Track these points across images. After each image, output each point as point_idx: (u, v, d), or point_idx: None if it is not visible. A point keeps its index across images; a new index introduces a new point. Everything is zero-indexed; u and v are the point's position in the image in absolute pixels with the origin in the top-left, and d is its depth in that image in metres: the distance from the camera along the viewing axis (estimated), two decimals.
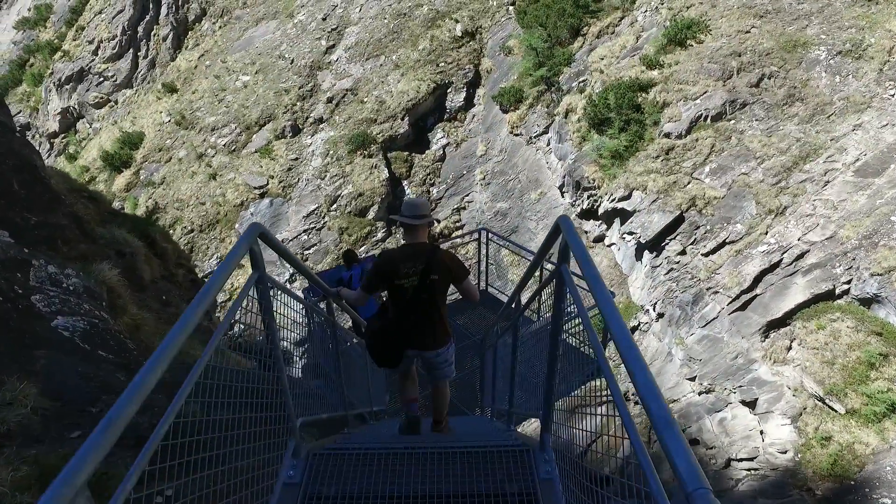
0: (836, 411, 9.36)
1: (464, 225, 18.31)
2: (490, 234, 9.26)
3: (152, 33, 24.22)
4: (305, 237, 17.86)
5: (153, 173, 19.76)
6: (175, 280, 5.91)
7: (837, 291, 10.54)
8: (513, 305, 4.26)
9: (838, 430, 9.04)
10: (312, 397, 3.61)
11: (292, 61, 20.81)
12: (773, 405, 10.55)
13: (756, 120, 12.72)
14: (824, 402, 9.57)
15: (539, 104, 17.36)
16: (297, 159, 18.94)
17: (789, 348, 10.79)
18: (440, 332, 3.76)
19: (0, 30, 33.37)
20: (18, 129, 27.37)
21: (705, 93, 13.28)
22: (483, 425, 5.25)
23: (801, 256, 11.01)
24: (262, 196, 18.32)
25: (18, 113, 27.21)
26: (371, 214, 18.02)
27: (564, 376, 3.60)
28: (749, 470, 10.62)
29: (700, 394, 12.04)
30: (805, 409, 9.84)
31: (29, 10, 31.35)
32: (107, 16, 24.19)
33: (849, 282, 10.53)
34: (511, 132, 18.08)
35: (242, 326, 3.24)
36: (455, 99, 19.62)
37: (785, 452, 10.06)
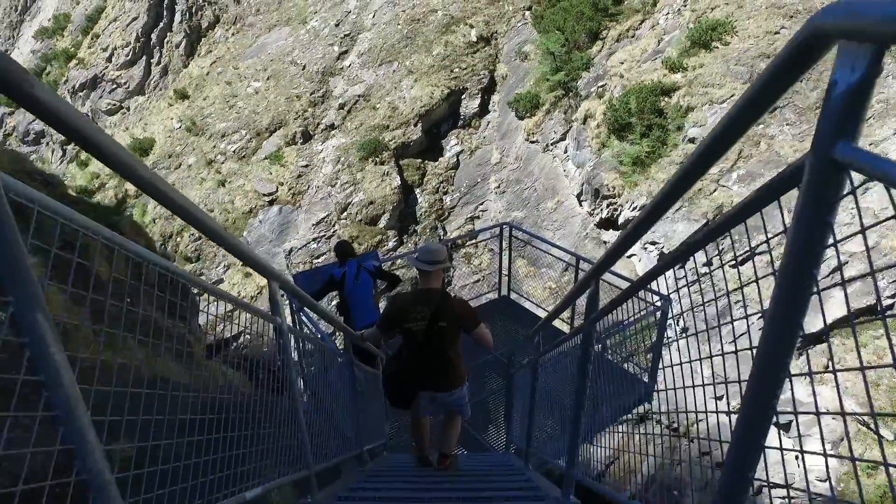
0: (882, 437, 8.57)
1: (477, 233, 17.74)
2: (514, 231, 8.37)
3: (165, 40, 24.13)
4: (315, 245, 17.40)
5: None
6: (146, 281, 5.28)
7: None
8: (586, 291, 2.56)
9: (890, 458, 8.25)
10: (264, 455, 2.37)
11: (304, 67, 20.51)
12: (810, 428, 9.75)
13: (787, 124, 12.04)
14: (869, 427, 8.79)
15: (556, 110, 16.81)
16: (307, 166, 18.55)
17: (827, 367, 10.02)
18: (452, 374, 3.80)
19: (22, 41, 33.76)
20: (33, 136, 27.49)
21: (732, 96, 12.64)
22: (517, 478, 3.92)
23: (838, 268, 10.26)
24: (271, 203, 17.92)
25: (34, 120, 27.28)
26: (382, 223, 17.53)
27: (596, 403, 2.89)
28: (784, 498, 9.84)
29: (728, 413, 11.30)
30: (847, 433, 9.05)
31: (49, 20, 31.65)
32: (121, 23, 24.18)
33: (893, 296, 9.77)
34: (527, 139, 17.53)
35: (248, 337, 2.56)
36: (469, 105, 19.14)
37: (825, 481, 9.27)
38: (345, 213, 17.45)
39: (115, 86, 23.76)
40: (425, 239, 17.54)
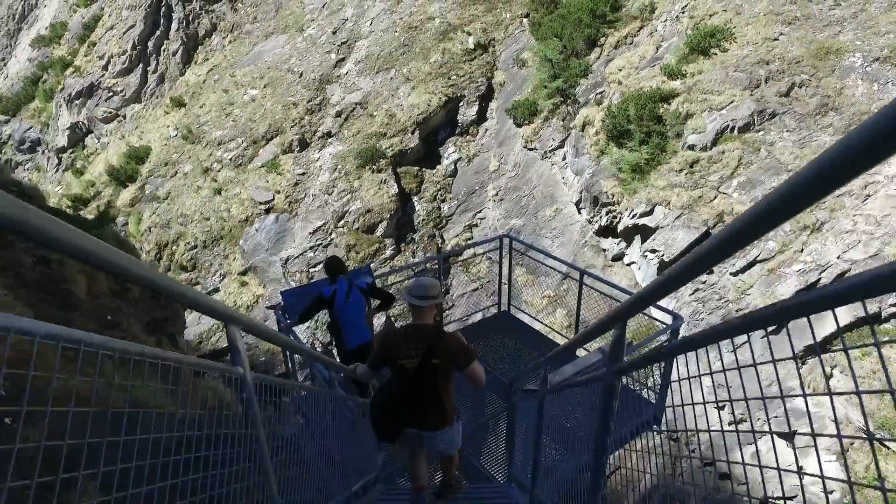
0: (888, 448, 8.41)
1: (476, 245, 17.61)
2: (514, 243, 8.21)
3: (162, 48, 24.07)
4: (311, 254, 17.24)
5: (158, 188, 19.35)
6: (128, 296, 5.03)
7: (884, 314, 9.64)
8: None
9: (893, 471, 8.09)
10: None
11: (301, 75, 20.44)
12: (819, 437, 9.62)
13: (787, 131, 11.95)
14: (874, 440, 8.64)
15: (554, 117, 16.73)
16: (304, 174, 18.43)
17: (831, 376, 9.88)
18: (441, 413, 3.66)
19: (19, 49, 33.72)
20: (29, 144, 27.34)
21: (731, 103, 12.56)
22: None
23: (841, 276, 10.13)
24: (267, 212, 17.78)
25: (30, 128, 27.15)
26: (380, 231, 17.39)
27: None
28: None
29: (730, 424, 11.13)
30: (852, 444, 8.89)
31: (46, 28, 31.62)
32: (118, 31, 24.11)
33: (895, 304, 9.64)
34: (525, 146, 17.44)
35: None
36: (467, 113, 19.06)
37: (830, 493, 9.10)
38: (342, 222, 17.32)
39: (111, 94, 23.66)
40: (423, 248, 17.41)
